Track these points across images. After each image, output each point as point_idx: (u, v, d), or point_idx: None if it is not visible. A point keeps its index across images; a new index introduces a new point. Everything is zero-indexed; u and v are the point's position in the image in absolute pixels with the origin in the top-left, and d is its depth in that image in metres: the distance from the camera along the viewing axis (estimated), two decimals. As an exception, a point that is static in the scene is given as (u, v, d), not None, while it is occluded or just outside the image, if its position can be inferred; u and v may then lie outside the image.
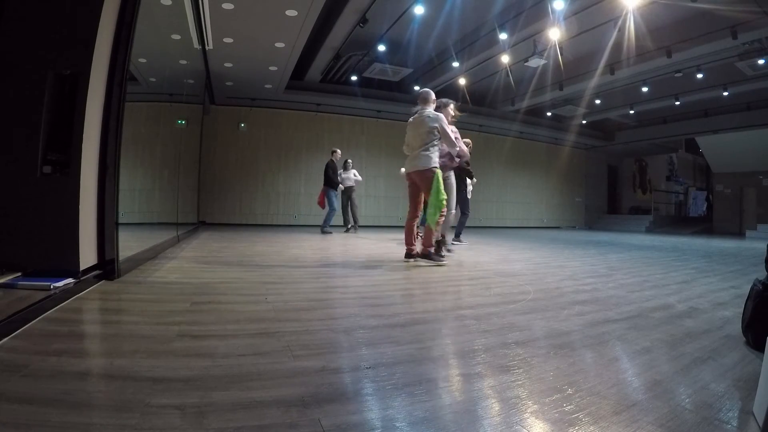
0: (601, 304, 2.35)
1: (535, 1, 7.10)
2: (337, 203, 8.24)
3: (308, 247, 5.33)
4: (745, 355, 1.52)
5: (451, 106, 4.30)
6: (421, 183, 3.86)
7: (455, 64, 9.18)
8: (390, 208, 12.51)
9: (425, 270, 3.54)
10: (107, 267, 2.55)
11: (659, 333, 1.78)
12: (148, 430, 0.90)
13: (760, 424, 0.97)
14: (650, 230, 14.53)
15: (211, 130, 10.16)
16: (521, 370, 1.31)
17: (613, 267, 4.14)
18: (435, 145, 3.83)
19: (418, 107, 3.97)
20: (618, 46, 8.04)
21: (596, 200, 17.17)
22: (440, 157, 4.07)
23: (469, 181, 6.36)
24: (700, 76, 8.98)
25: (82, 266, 2.29)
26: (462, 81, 9.88)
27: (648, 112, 13.19)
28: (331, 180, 8.11)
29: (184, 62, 5.46)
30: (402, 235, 5.31)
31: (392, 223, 12.22)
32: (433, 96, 4.00)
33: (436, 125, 3.82)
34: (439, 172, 3.77)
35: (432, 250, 3.89)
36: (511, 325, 1.85)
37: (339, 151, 8.47)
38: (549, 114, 13.24)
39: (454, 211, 4.82)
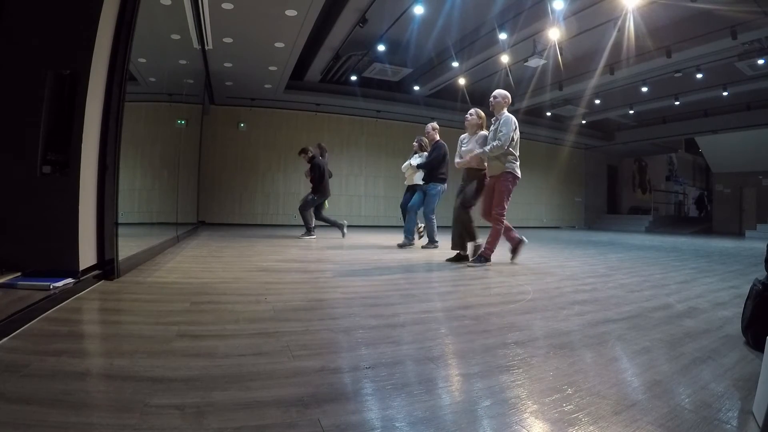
0: (601, 304, 2.35)
1: (535, 1, 7.09)
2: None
3: (304, 248, 5.33)
4: (744, 355, 1.52)
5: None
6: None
7: (455, 64, 9.16)
8: (390, 208, 12.49)
9: (425, 270, 3.54)
10: (107, 267, 2.55)
11: (659, 333, 1.78)
12: (147, 430, 0.90)
13: (760, 423, 0.97)
14: (650, 230, 14.54)
15: (210, 129, 10.14)
16: (521, 370, 1.31)
17: (612, 267, 4.14)
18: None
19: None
20: (618, 46, 8.02)
21: (596, 200, 17.15)
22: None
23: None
24: (699, 76, 8.96)
25: (82, 266, 2.29)
26: (462, 81, 9.86)
27: (648, 112, 13.17)
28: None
29: (183, 62, 5.45)
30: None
31: (392, 224, 12.21)
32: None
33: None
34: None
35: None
36: (510, 325, 1.85)
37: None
38: (549, 114, 13.22)
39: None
